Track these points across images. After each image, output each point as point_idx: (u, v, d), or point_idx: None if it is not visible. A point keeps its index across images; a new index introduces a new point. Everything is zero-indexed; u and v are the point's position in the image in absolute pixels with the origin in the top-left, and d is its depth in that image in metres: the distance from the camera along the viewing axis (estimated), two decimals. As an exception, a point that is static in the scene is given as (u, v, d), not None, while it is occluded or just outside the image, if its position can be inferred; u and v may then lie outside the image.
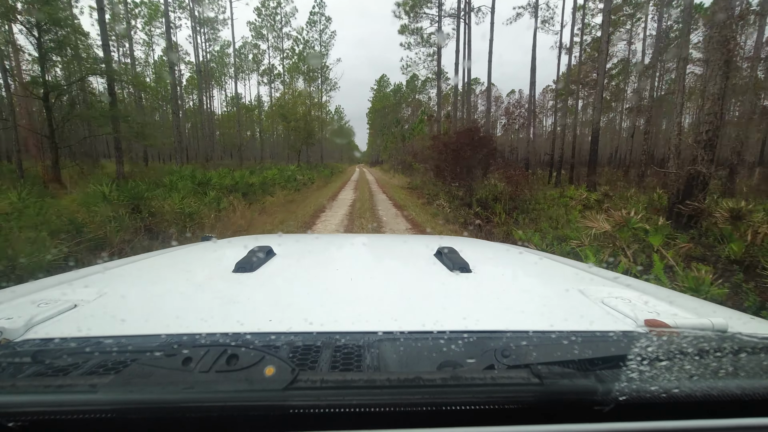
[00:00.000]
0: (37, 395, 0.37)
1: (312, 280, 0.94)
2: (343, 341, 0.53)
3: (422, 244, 1.41)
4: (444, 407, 0.37)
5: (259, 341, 0.52)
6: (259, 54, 41.02)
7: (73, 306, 0.66)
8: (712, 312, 0.73)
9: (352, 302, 0.76)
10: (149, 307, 0.72)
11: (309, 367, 0.46)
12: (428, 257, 1.07)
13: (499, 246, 1.51)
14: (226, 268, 0.91)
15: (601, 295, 0.76)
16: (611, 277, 0.98)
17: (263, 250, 1.03)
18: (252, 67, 42.74)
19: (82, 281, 0.86)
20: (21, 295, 0.74)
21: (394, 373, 0.39)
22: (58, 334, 0.55)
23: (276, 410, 0.36)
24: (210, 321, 0.62)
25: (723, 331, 0.57)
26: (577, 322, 0.65)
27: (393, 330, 0.56)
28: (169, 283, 0.91)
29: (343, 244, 1.53)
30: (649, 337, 0.51)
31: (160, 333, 0.55)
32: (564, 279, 0.99)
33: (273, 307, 0.71)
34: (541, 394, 0.37)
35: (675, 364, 0.42)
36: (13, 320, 0.57)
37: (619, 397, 0.37)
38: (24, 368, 0.45)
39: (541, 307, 0.75)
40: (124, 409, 0.35)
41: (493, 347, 0.49)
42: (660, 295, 0.81)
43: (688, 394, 0.38)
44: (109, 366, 0.45)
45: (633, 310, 0.66)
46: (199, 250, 1.29)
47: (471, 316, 0.66)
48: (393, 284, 0.92)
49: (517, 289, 0.90)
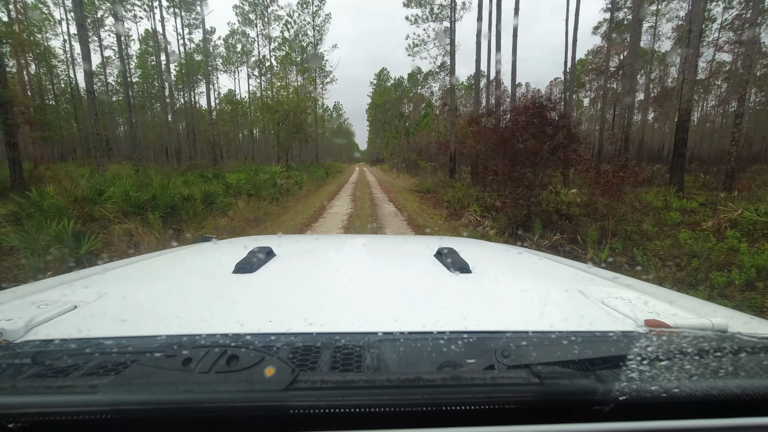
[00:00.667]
0: (37, 396, 0.37)
1: (312, 280, 0.94)
2: (343, 342, 0.53)
3: (422, 244, 1.42)
4: (444, 407, 0.37)
5: (259, 342, 0.52)
6: (248, 44, 37.35)
7: (73, 307, 0.66)
8: (712, 312, 0.73)
9: (352, 303, 0.76)
10: (149, 307, 0.72)
11: (309, 367, 0.47)
12: (428, 258, 1.07)
13: (499, 246, 1.52)
14: (226, 268, 0.91)
15: (601, 295, 0.76)
16: (611, 277, 0.98)
17: (263, 250, 1.03)
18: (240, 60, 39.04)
19: (82, 282, 0.86)
20: (21, 296, 0.75)
21: (394, 374, 0.39)
22: (58, 335, 0.55)
23: (276, 411, 0.36)
24: (210, 322, 0.62)
25: (723, 331, 0.57)
26: (577, 322, 0.66)
27: (393, 330, 0.56)
28: (169, 283, 0.91)
29: (343, 245, 1.54)
30: (649, 337, 0.51)
31: (160, 334, 0.55)
32: (564, 279, 0.99)
33: (273, 308, 0.71)
34: (541, 394, 0.37)
35: (675, 364, 0.42)
36: (14, 321, 0.57)
37: (619, 397, 0.37)
38: (24, 369, 0.45)
39: (541, 307, 0.76)
40: (124, 410, 0.36)
41: (493, 347, 0.49)
42: (660, 296, 0.81)
43: (688, 394, 0.38)
44: (109, 367, 0.45)
45: (633, 310, 0.66)
46: (199, 250, 1.30)
47: (471, 316, 0.66)
48: (393, 285, 0.92)
49: (516, 290, 0.90)
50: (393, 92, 53.51)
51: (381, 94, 55.77)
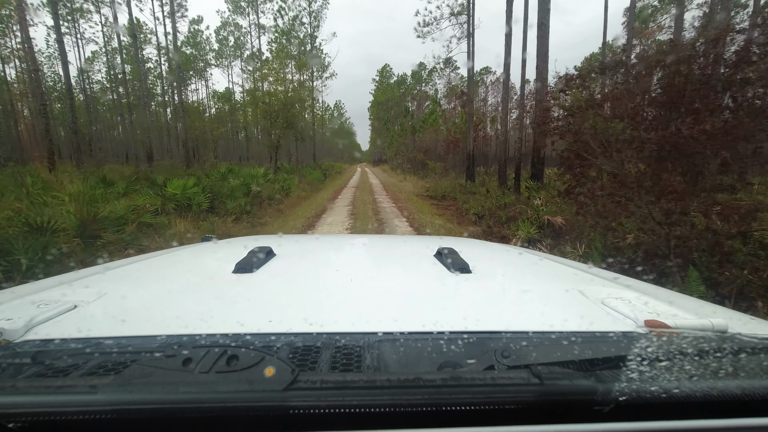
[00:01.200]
0: (37, 396, 0.37)
1: (312, 280, 0.94)
2: (343, 342, 0.53)
3: (422, 244, 1.42)
4: (444, 407, 0.37)
5: (259, 342, 0.52)
6: (239, 35, 34.59)
7: (73, 307, 0.66)
8: (712, 312, 0.73)
9: (352, 303, 0.76)
10: (149, 307, 0.72)
11: (309, 367, 0.47)
12: (428, 258, 1.06)
13: (499, 246, 1.51)
14: (226, 268, 0.91)
15: (601, 295, 0.76)
16: (611, 277, 0.98)
17: (263, 250, 1.02)
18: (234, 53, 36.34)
19: (82, 282, 0.86)
20: (21, 296, 0.74)
21: (394, 374, 0.39)
22: (58, 335, 0.55)
23: (276, 411, 0.36)
24: (210, 321, 0.62)
25: (723, 331, 0.57)
26: (577, 322, 0.65)
27: (393, 330, 0.56)
28: (169, 283, 0.91)
29: (343, 245, 1.54)
30: (649, 338, 0.51)
31: (160, 333, 0.55)
32: (564, 279, 0.99)
33: (273, 308, 0.71)
34: (541, 394, 0.37)
35: (675, 365, 0.42)
36: (14, 321, 0.57)
37: (619, 398, 0.37)
38: (24, 369, 0.45)
39: (541, 307, 0.75)
40: (124, 410, 0.36)
41: (493, 347, 0.49)
42: (660, 296, 0.81)
43: (688, 394, 0.38)
44: (109, 366, 0.45)
45: (633, 310, 0.66)
46: (199, 250, 1.29)
47: (471, 316, 0.66)
48: (393, 285, 0.92)
49: (517, 290, 0.90)
50: (396, 89, 51.43)
51: (384, 92, 53.88)
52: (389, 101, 50.81)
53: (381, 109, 52.56)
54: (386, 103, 51.07)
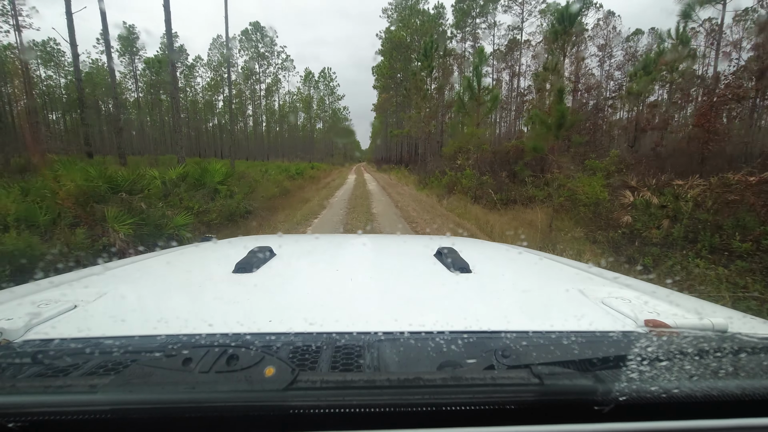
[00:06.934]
0: (37, 396, 0.37)
1: (312, 280, 0.94)
2: (343, 342, 0.53)
3: (422, 244, 1.42)
4: (444, 407, 0.37)
5: (259, 342, 0.52)
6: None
7: (73, 306, 0.66)
8: (712, 312, 0.72)
9: (352, 302, 0.76)
10: (149, 307, 0.72)
11: (309, 367, 0.47)
12: (428, 257, 1.06)
13: (499, 246, 1.50)
14: (227, 268, 0.91)
15: (601, 295, 0.76)
16: (611, 277, 0.98)
17: (263, 250, 1.03)
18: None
19: (82, 282, 0.86)
20: (21, 296, 0.74)
21: (394, 374, 0.39)
22: (58, 335, 0.55)
23: (276, 410, 0.36)
24: (210, 321, 0.62)
25: (723, 331, 0.57)
26: (577, 322, 0.65)
27: (393, 330, 0.56)
28: (169, 283, 0.92)
29: (344, 245, 1.54)
30: (649, 337, 0.51)
31: (160, 333, 0.55)
32: (564, 279, 0.99)
33: (273, 308, 0.71)
34: (541, 394, 0.37)
35: (675, 365, 0.42)
36: (13, 321, 0.57)
37: (619, 397, 0.37)
38: (24, 369, 0.45)
39: (541, 307, 0.75)
40: (124, 410, 0.36)
41: (493, 347, 0.49)
42: (660, 295, 0.81)
43: (688, 394, 0.38)
44: (109, 366, 0.45)
45: (633, 310, 0.66)
46: (199, 250, 1.30)
47: (471, 316, 0.66)
48: (393, 285, 0.92)
49: (517, 289, 0.90)
50: (434, 20, 29.30)
51: (407, 23, 29.41)
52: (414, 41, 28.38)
53: (397, 59, 30.10)
54: (406, 48, 28.99)
